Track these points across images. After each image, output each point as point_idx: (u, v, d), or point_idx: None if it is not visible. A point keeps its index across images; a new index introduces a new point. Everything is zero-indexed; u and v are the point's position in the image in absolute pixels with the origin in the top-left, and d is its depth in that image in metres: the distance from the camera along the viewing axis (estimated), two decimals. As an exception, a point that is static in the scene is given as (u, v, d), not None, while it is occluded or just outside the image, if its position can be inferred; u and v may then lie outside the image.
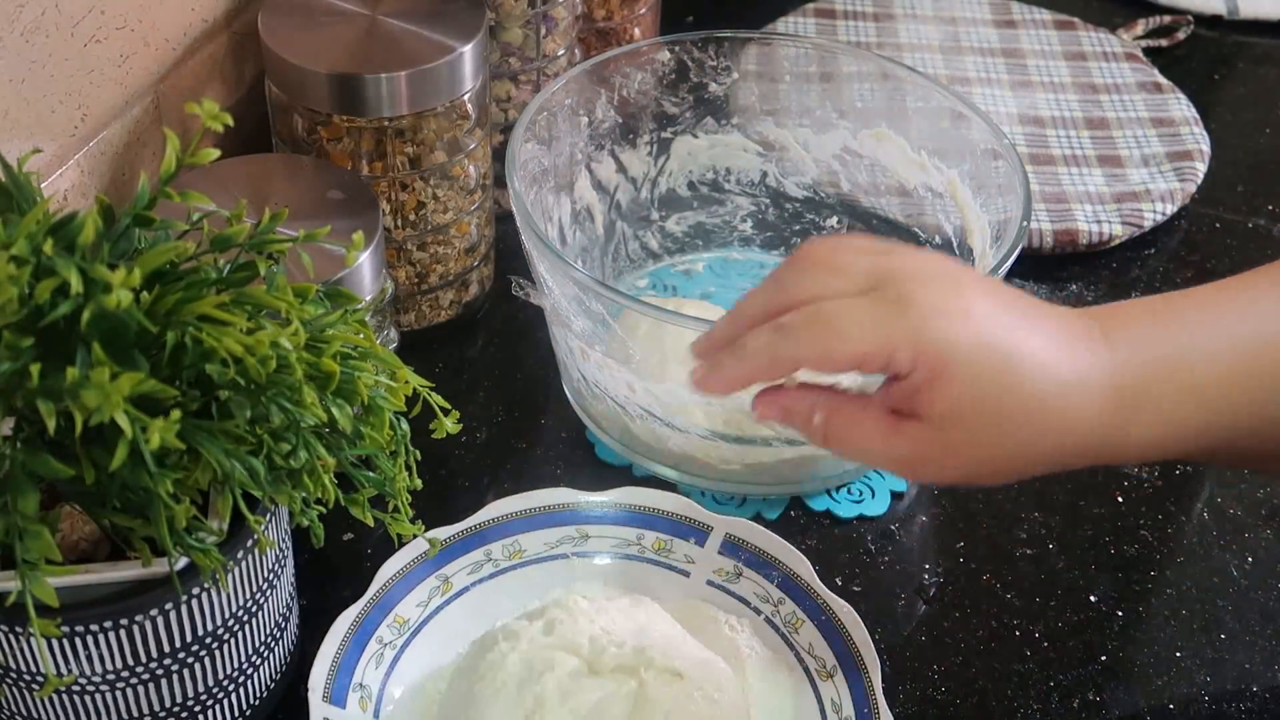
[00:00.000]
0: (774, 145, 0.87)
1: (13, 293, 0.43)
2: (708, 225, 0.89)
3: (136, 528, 0.50)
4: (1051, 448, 0.53)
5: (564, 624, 0.61)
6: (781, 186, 0.88)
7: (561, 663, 0.59)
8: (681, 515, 0.67)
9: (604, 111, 0.83)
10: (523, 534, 0.67)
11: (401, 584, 0.64)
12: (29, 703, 0.55)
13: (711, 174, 0.88)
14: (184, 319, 0.47)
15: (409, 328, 0.81)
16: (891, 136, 0.83)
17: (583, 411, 0.77)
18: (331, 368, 0.51)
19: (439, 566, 0.65)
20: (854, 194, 0.86)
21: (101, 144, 0.72)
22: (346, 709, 0.59)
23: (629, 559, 0.67)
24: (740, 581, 0.66)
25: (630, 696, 0.59)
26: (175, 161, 0.48)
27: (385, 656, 0.62)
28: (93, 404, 0.43)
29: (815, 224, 0.88)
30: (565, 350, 0.75)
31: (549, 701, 0.58)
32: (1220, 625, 0.69)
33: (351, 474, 0.55)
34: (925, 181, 0.82)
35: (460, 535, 0.66)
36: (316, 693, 0.58)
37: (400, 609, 0.63)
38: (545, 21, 0.85)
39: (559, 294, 0.70)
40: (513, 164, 0.72)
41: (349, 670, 0.60)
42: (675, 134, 0.86)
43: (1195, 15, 1.13)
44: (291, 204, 0.67)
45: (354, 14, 0.75)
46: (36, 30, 0.65)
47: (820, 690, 0.62)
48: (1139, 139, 0.98)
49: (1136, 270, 0.90)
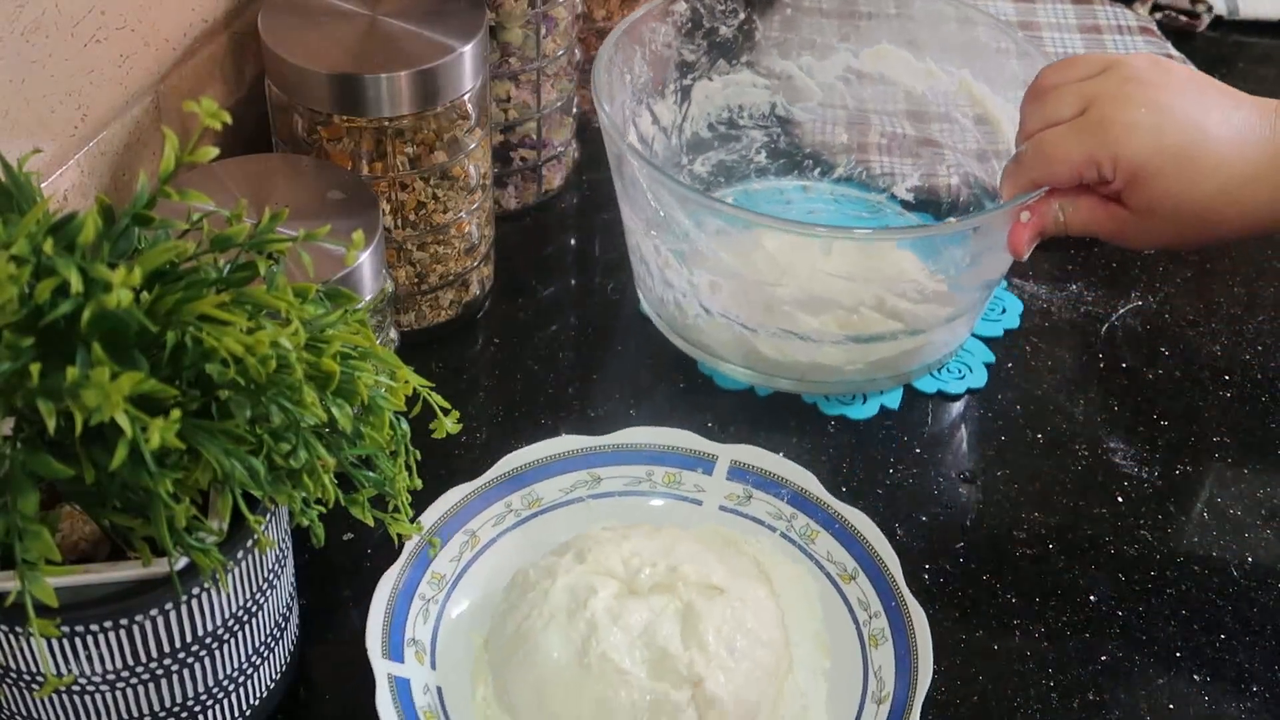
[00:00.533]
0: (780, 76, 0.93)
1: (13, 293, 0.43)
2: (727, 162, 0.94)
3: (136, 528, 0.50)
4: (1230, 229, 0.70)
5: (594, 552, 0.64)
6: (790, 115, 0.94)
7: (603, 585, 0.62)
8: (687, 448, 0.71)
9: (639, 68, 0.86)
10: (538, 483, 0.70)
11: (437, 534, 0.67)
12: (29, 703, 0.55)
13: (727, 113, 0.94)
14: (184, 319, 0.47)
15: (409, 328, 0.81)
16: (894, 51, 0.90)
17: (697, 348, 0.81)
18: (331, 368, 0.51)
19: (464, 523, 0.67)
20: (862, 111, 0.93)
21: (101, 144, 0.72)
22: (405, 663, 0.61)
23: (642, 495, 0.71)
24: (751, 503, 0.69)
25: (678, 614, 0.61)
26: (174, 160, 0.48)
27: (430, 611, 0.65)
28: (93, 404, 0.43)
29: (825, 144, 0.94)
30: (685, 290, 0.79)
31: (601, 624, 0.60)
32: (1220, 625, 0.69)
33: (351, 474, 0.55)
34: (933, 86, 0.89)
35: (480, 490, 0.68)
36: (375, 652, 0.61)
37: (435, 566, 0.66)
38: (545, 21, 0.85)
39: (699, 237, 0.76)
40: (621, 139, 0.76)
41: (400, 628, 0.63)
42: (694, 80, 0.92)
43: (1190, 13, 1.14)
44: (291, 204, 0.67)
45: (354, 14, 0.75)
46: (36, 30, 0.65)
47: (845, 592, 0.66)
48: None
49: (1136, 270, 0.90)
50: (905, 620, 0.63)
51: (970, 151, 0.90)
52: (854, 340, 0.77)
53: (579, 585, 0.62)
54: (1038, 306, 0.87)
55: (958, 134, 0.91)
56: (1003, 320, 0.86)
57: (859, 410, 0.79)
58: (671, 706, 0.59)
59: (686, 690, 0.59)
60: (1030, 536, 0.73)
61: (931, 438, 0.79)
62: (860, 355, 0.78)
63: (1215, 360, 0.84)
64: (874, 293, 0.77)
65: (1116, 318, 0.86)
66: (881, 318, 0.77)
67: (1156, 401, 0.81)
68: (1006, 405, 0.80)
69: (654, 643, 0.60)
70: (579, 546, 0.64)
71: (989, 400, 0.81)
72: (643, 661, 0.60)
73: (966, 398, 0.81)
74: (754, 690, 0.61)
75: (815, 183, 0.95)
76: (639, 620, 0.61)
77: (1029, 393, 0.81)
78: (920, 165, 0.93)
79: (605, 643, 0.60)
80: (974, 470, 0.76)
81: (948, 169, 0.92)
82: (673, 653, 0.60)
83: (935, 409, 0.80)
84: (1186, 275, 0.90)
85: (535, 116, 0.88)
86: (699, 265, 0.77)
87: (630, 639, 0.60)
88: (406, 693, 0.60)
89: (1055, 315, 0.86)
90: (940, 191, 0.92)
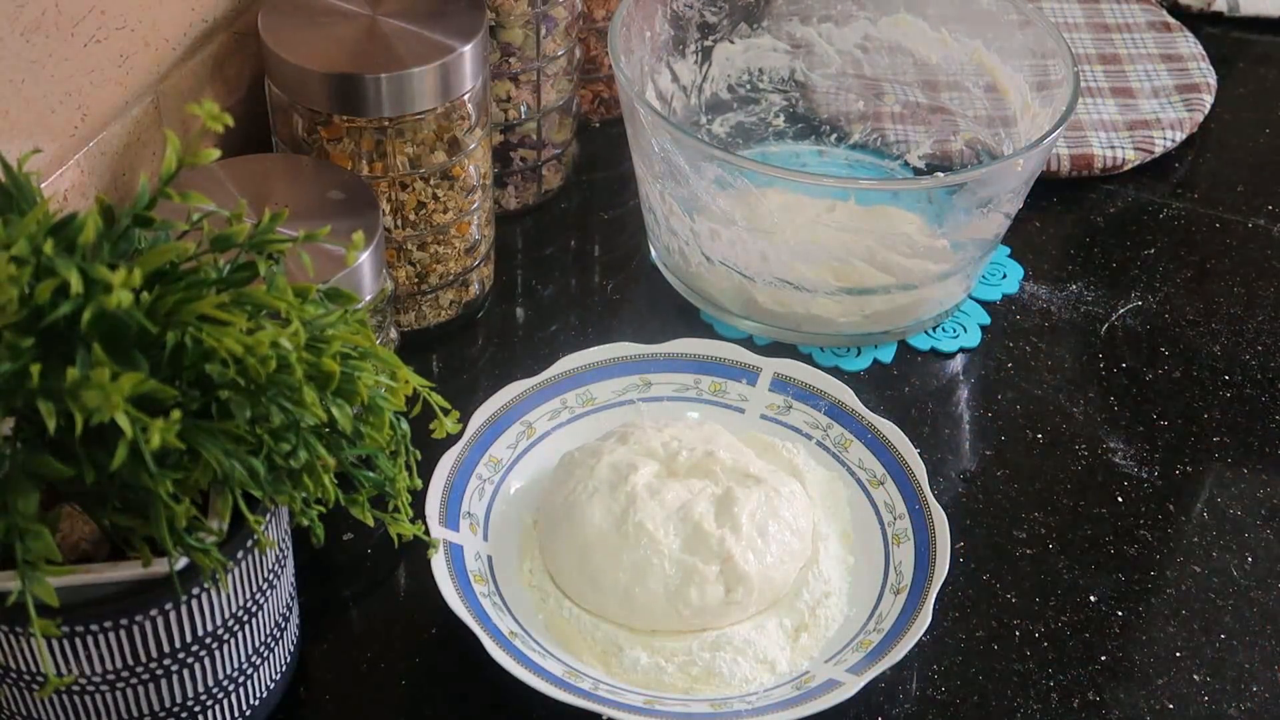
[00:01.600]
0: (800, 42, 0.96)
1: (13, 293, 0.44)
2: (746, 124, 0.97)
3: (136, 528, 0.50)
4: None
5: (636, 435, 0.69)
6: (808, 80, 0.97)
7: (644, 464, 0.67)
8: (733, 360, 0.76)
9: (660, 25, 0.89)
10: (593, 384, 0.75)
11: (491, 430, 0.71)
12: (29, 703, 0.55)
13: (747, 76, 0.97)
14: (184, 319, 0.47)
15: (409, 328, 0.81)
16: (911, 20, 0.93)
17: (700, 296, 0.84)
18: (331, 368, 0.51)
19: (522, 414, 0.73)
20: (877, 79, 0.96)
21: (101, 144, 0.72)
22: (459, 531, 0.67)
23: (688, 400, 0.75)
24: (790, 413, 0.74)
25: (714, 497, 0.66)
26: (175, 161, 0.48)
27: (485, 490, 0.70)
28: (93, 404, 0.43)
29: (842, 111, 0.97)
30: (688, 239, 0.82)
31: (640, 498, 0.66)
32: (1220, 625, 0.69)
33: (351, 474, 0.55)
34: (947, 55, 0.92)
35: (539, 386, 0.74)
36: (434, 518, 0.66)
37: (494, 450, 0.71)
38: (545, 21, 0.85)
39: (698, 182, 0.78)
40: (631, 89, 0.79)
41: (457, 500, 0.68)
42: (715, 41, 0.95)
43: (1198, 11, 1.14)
44: (291, 204, 0.67)
45: (354, 14, 0.75)
46: (36, 30, 0.65)
47: (873, 496, 0.70)
48: (1149, 73, 1.05)
49: (1136, 270, 0.90)
50: (927, 521, 0.67)
51: (980, 119, 0.93)
52: (848, 293, 0.80)
53: (621, 463, 0.67)
54: (1038, 306, 0.87)
55: (968, 102, 0.93)
56: (1002, 285, 0.88)
57: (852, 362, 0.82)
58: (700, 577, 0.64)
59: (716, 565, 0.64)
60: (1030, 536, 0.73)
61: (921, 393, 0.81)
62: (855, 308, 0.81)
63: (1215, 360, 0.84)
64: (865, 244, 0.79)
65: (1116, 318, 0.86)
66: (874, 270, 0.80)
67: (1156, 401, 0.81)
68: (1006, 405, 0.80)
69: (689, 519, 0.65)
70: (623, 431, 0.70)
71: (989, 399, 0.81)
72: (676, 534, 0.65)
73: (965, 396, 0.81)
74: (779, 572, 0.66)
75: (831, 148, 0.97)
76: (675, 498, 0.66)
77: (1029, 393, 0.81)
78: (932, 133, 0.96)
79: (642, 513, 0.65)
80: (974, 471, 0.76)
81: (958, 136, 0.95)
82: (706, 529, 0.65)
83: (927, 366, 0.82)
84: (1186, 275, 0.90)
85: (535, 116, 0.88)
86: (700, 213, 0.80)
87: (667, 513, 0.65)
88: (460, 558, 0.65)
89: (1055, 315, 0.86)
90: (953, 158, 0.94)
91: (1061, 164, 0.94)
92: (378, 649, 0.66)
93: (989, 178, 0.78)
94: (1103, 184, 0.96)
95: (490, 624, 0.63)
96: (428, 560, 0.63)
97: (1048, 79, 0.85)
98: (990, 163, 0.90)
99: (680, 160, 0.78)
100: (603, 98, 0.99)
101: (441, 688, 0.64)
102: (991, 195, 0.78)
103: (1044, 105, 0.84)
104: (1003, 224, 0.82)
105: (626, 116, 0.82)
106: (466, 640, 0.61)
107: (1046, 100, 0.84)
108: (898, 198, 0.86)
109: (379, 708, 0.64)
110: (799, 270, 0.79)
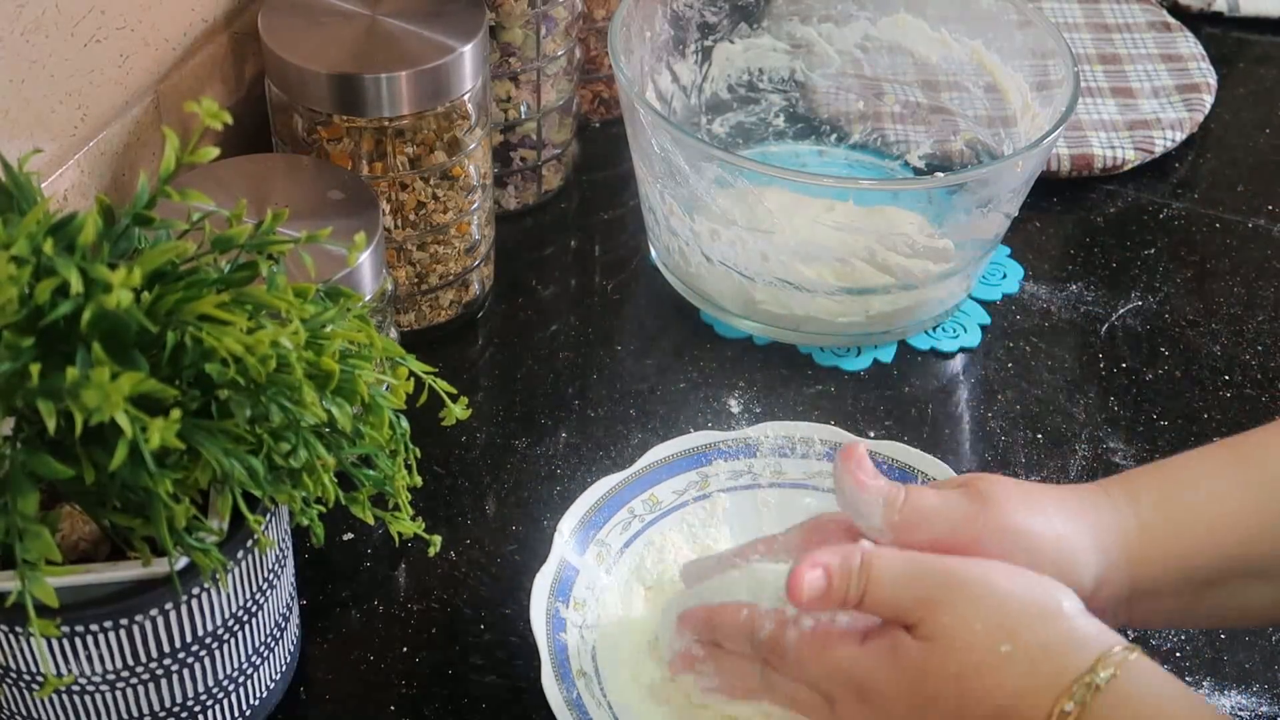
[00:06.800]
0: (800, 42, 0.96)
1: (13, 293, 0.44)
2: (746, 124, 0.97)
3: (136, 528, 0.50)
4: None
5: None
6: (808, 81, 0.97)
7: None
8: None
9: (660, 25, 0.89)
10: (785, 458, 0.71)
11: (664, 468, 0.70)
12: (29, 703, 0.55)
13: (747, 76, 0.97)
14: (184, 319, 0.47)
15: (409, 328, 0.81)
16: (911, 20, 0.93)
17: (700, 296, 0.84)
18: (331, 367, 0.51)
19: (698, 465, 0.70)
20: (877, 79, 0.96)
21: (101, 144, 0.72)
22: (584, 556, 0.66)
23: (807, 488, 0.71)
24: None
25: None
26: (175, 160, 0.48)
27: (632, 526, 0.68)
28: (93, 404, 0.43)
29: (842, 111, 0.97)
30: (688, 239, 0.82)
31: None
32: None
33: (351, 473, 0.55)
34: (946, 55, 0.93)
35: (727, 443, 0.71)
36: (563, 535, 0.65)
37: (657, 490, 0.69)
38: (545, 21, 0.85)
39: (698, 182, 0.78)
40: (631, 89, 0.79)
41: (596, 526, 0.67)
42: (715, 41, 0.95)
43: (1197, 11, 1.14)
44: (292, 204, 0.67)
45: (354, 14, 0.75)
46: (36, 30, 0.65)
47: None
48: (1149, 73, 1.04)
49: (1136, 270, 0.90)
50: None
51: (980, 119, 0.93)
52: (848, 292, 0.80)
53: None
54: (1038, 306, 0.87)
55: (968, 102, 0.94)
56: (1002, 285, 0.88)
57: (852, 363, 0.82)
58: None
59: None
60: (1030, 536, 0.72)
61: (921, 393, 0.81)
62: (855, 308, 0.81)
63: (1215, 360, 0.84)
64: (865, 244, 0.79)
65: (1116, 318, 0.86)
66: (874, 270, 0.80)
67: (1156, 401, 0.81)
68: (1007, 405, 0.80)
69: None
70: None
71: (989, 399, 0.81)
72: None
73: (965, 396, 0.81)
74: None
75: (831, 148, 0.97)
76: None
77: (1029, 393, 0.81)
78: (932, 133, 0.96)
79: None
80: (974, 471, 0.76)
81: (958, 136, 0.95)
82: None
83: (927, 365, 0.82)
84: (1186, 275, 0.90)
85: (535, 116, 0.88)
86: (700, 213, 0.80)
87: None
88: (569, 584, 0.65)
89: (1055, 315, 0.86)
90: (953, 158, 0.94)
91: (1061, 164, 0.94)
92: (378, 649, 0.66)
93: (989, 178, 0.78)
94: (1103, 184, 0.96)
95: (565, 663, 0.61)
96: (427, 559, 0.62)
97: (1048, 79, 0.85)
98: (990, 163, 0.90)
99: (680, 160, 0.78)
100: (603, 98, 0.99)
101: (441, 688, 0.64)
102: (991, 195, 0.78)
103: (1044, 105, 0.84)
104: (1003, 224, 0.82)
105: (626, 116, 0.82)
106: (466, 640, 0.61)
107: (1046, 100, 0.84)
108: (898, 198, 0.86)
109: (379, 708, 0.64)
110: (799, 270, 0.79)
